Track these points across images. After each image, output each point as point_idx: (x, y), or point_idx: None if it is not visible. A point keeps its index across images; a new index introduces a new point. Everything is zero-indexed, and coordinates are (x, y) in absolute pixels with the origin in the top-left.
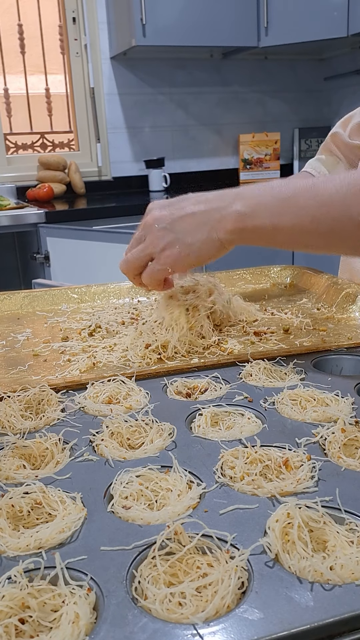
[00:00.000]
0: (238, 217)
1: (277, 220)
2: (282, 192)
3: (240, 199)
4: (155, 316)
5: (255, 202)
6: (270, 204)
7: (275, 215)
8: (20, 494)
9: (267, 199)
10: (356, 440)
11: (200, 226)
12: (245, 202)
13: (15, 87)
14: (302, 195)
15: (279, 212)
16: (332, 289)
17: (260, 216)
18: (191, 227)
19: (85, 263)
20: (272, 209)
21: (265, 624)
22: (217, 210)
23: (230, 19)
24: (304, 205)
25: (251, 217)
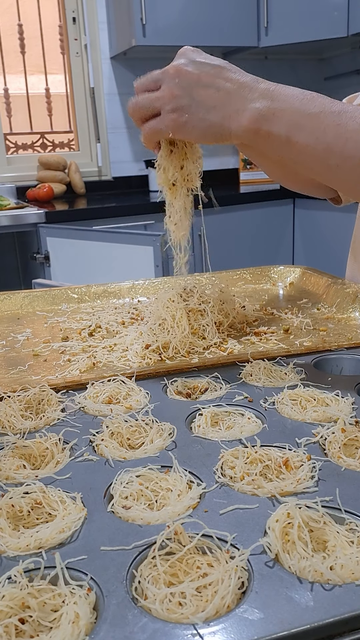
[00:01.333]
0: (256, 117)
1: (292, 134)
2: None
3: (266, 98)
4: (155, 317)
5: (279, 108)
6: (293, 114)
7: (292, 127)
8: (20, 494)
9: (291, 108)
10: (356, 440)
11: (218, 107)
12: (269, 104)
13: (15, 87)
14: (326, 119)
15: (298, 127)
16: (332, 289)
17: (277, 123)
18: (209, 102)
19: (85, 263)
20: (293, 120)
21: (265, 624)
22: (241, 98)
23: (230, 19)
24: (324, 128)
25: (269, 121)
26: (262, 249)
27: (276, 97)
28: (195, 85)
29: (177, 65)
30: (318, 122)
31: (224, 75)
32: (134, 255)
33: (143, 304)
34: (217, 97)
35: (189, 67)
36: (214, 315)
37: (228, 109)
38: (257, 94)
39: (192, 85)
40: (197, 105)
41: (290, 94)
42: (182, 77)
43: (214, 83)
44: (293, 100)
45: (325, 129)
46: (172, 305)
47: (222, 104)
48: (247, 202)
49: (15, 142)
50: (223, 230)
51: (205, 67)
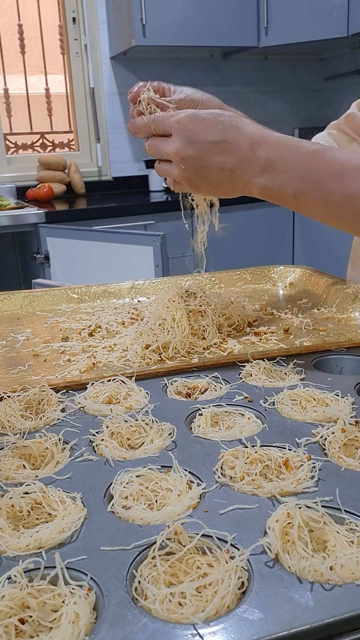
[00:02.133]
0: (263, 190)
1: (301, 198)
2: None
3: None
4: (155, 317)
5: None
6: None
7: (299, 194)
8: (20, 494)
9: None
10: (356, 440)
11: (226, 183)
12: (273, 177)
13: (15, 87)
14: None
15: (304, 193)
16: (332, 289)
17: (284, 192)
18: (217, 180)
19: (85, 263)
20: (298, 188)
21: (265, 624)
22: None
23: (230, 19)
24: (328, 192)
25: (276, 191)
26: (262, 249)
27: (277, 168)
28: (199, 167)
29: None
30: (322, 187)
31: (223, 150)
32: (134, 255)
33: (143, 304)
34: (222, 175)
35: (189, 151)
36: (215, 317)
37: (235, 183)
38: (259, 167)
39: (196, 167)
40: (208, 183)
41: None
42: (186, 161)
43: (215, 164)
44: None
45: (330, 192)
46: (172, 305)
47: (229, 180)
48: (247, 202)
49: (15, 142)
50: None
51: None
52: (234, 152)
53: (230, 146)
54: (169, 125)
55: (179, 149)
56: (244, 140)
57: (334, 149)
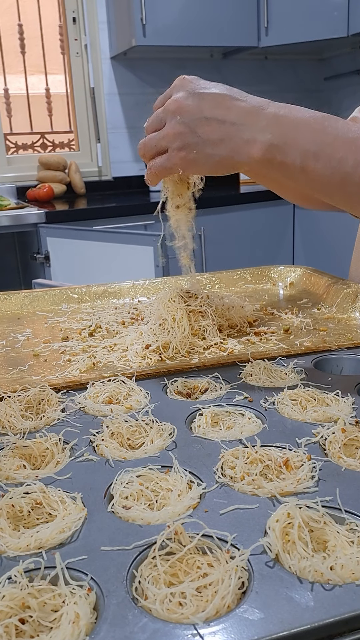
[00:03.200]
0: (267, 148)
1: (307, 163)
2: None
3: (276, 126)
4: (156, 317)
5: (291, 137)
6: (306, 143)
7: (307, 157)
8: (21, 494)
9: (304, 136)
10: (356, 440)
11: (225, 140)
12: (281, 132)
13: (15, 87)
14: (342, 147)
15: (313, 156)
16: (333, 289)
17: (290, 153)
18: (215, 136)
19: (85, 263)
20: (306, 149)
21: (266, 624)
22: (248, 128)
23: (230, 19)
24: (340, 158)
25: (281, 151)
26: (262, 249)
27: (286, 123)
28: (198, 119)
29: (177, 99)
30: (333, 150)
31: (226, 104)
32: (134, 255)
33: (143, 304)
34: (223, 130)
35: (189, 101)
36: (215, 317)
37: (236, 140)
38: (265, 121)
39: (194, 120)
40: (204, 142)
41: (301, 119)
42: (184, 113)
43: (216, 115)
44: (304, 127)
45: (342, 159)
46: (172, 305)
47: (229, 136)
48: (247, 202)
49: (16, 142)
50: (223, 230)
51: (206, 98)
52: (239, 107)
53: (235, 102)
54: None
55: (178, 98)
56: (250, 98)
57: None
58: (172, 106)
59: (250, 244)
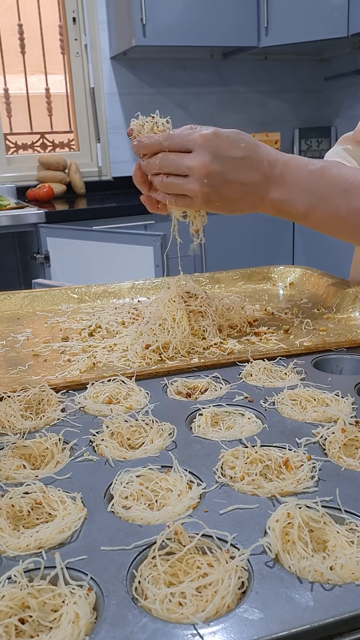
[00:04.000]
0: (275, 204)
1: (309, 213)
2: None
3: (281, 186)
4: (156, 317)
5: (294, 193)
6: (306, 198)
7: (308, 208)
8: (20, 494)
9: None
10: (356, 440)
11: (243, 200)
12: (285, 190)
13: (15, 87)
14: (336, 199)
15: (312, 208)
16: (333, 289)
17: (294, 205)
18: (236, 197)
19: (85, 263)
20: (306, 203)
21: (265, 624)
22: (261, 187)
23: (230, 19)
24: (336, 207)
25: (287, 205)
26: (262, 249)
27: (289, 183)
28: (222, 183)
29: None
30: (329, 203)
31: (247, 167)
32: (134, 255)
33: (143, 304)
34: (243, 191)
35: (215, 166)
36: (215, 317)
37: (252, 200)
38: (275, 183)
39: (219, 183)
40: (226, 200)
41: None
42: (209, 176)
43: (239, 178)
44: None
45: (338, 208)
46: (172, 305)
47: (247, 195)
48: None
49: (15, 142)
50: (223, 230)
51: (229, 163)
52: (256, 169)
53: (252, 162)
54: (191, 141)
55: (205, 162)
56: (264, 157)
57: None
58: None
59: (250, 244)
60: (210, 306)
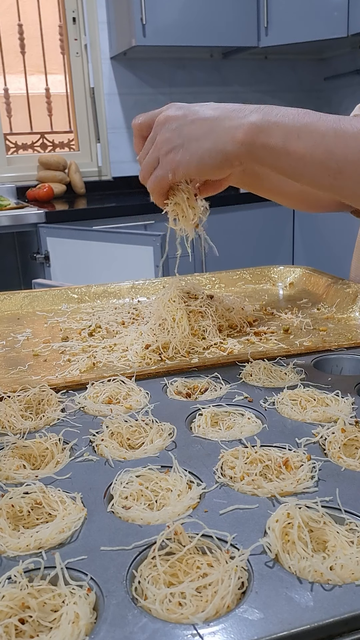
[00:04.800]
0: (250, 129)
1: (290, 142)
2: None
3: (259, 112)
4: (156, 317)
5: (273, 119)
6: (288, 124)
7: (290, 136)
8: (20, 494)
9: (286, 119)
10: (356, 440)
11: (209, 133)
12: (263, 117)
13: (15, 87)
14: (324, 125)
15: (295, 135)
16: (332, 289)
17: (274, 134)
18: (200, 132)
19: (85, 263)
20: (289, 129)
21: (265, 624)
22: (231, 118)
23: (230, 19)
24: (322, 133)
25: (265, 132)
26: (262, 249)
27: (269, 111)
28: (184, 123)
29: (164, 113)
30: (315, 128)
31: (210, 107)
32: (134, 255)
33: (143, 304)
34: (207, 125)
35: (177, 111)
36: (215, 317)
37: (219, 131)
38: (248, 111)
39: (181, 124)
40: (189, 140)
41: (283, 108)
42: (171, 120)
43: (201, 115)
44: (287, 112)
45: (324, 135)
46: (172, 305)
47: (213, 128)
48: (247, 202)
49: (15, 142)
50: (223, 230)
51: (191, 107)
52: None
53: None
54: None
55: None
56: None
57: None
58: (160, 119)
59: (250, 244)
60: (210, 306)
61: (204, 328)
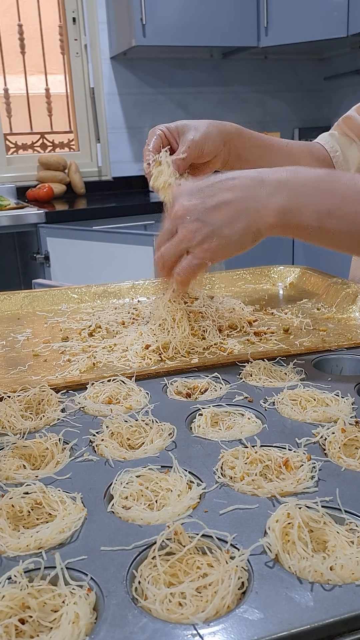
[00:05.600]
0: (281, 213)
1: (324, 222)
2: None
3: (283, 191)
4: (155, 317)
5: (302, 199)
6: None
7: (322, 216)
8: (20, 494)
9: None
10: (356, 440)
11: (238, 216)
12: (289, 195)
13: (15, 87)
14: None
15: (328, 214)
16: (332, 289)
17: (305, 214)
18: (228, 217)
19: (85, 263)
20: (320, 208)
21: (265, 624)
22: (256, 199)
23: (230, 19)
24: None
25: (296, 214)
26: (262, 249)
27: (292, 186)
28: (206, 210)
29: (179, 204)
30: (347, 206)
31: (224, 187)
32: (134, 255)
33: (143, 304)
34: (233, 209)
35: (191, 200)
36: (215, 318)
37: (249, 213)
38: (272, 188)
39: (203, 212)
40: (220, 226)
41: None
42: (190, 211)
43: (221, 199)
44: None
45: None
46: (172, 305)
47: (240, 211)
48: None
49: (15, 142)
50: None
51: (204, 191)
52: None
53: (232, 181)
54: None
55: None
56: (248, 173)
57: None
58: (179, 212)
59: None
60: (211, 307)
61: (204, 328)
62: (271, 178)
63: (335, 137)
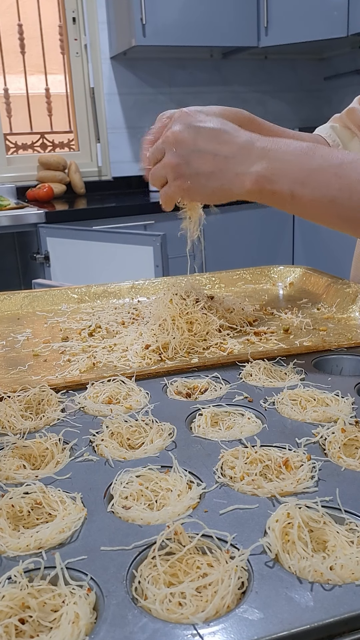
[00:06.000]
0: (257, 179)
1: (296, 190)
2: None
3: (265, 159)
4: (155, 317)
5: (279, 167)
6: (294, 171)
7: (295, 184)
8: (20, 494)
9: (291, 165)
10: (356, 440)
11: (217, 173)
12: (269, 164)
13: (15, 87)
14: (328, 172)
15: (301, 183)
16: (332, 289)
17: (279, 182)
18: (208, 169)
19: (85, 263)
20: (294, 177)
21: (265, 624)
22: (239, 162)
23: (230, 19)
24: (326, 182)
25: (270, 181)
26: (262, 249)
27: (274, 156)
28: (192, 152)
29: (174, 132)
30: (320, 176)
31: (220, 139)
32: (134, 255)
33: (143, 304)
34: (216, 164)
35: (185, 134)
36: (215, 319)
37: (227, 174)
38: (255, 155)
39: (189, 152)
40: (197, 174)
41: (288, 151)
42: (179, 145)
43: (210, 149)
44: (292, 157)
45: (328, 183)
46: (172, 305)
47: (221, 169)
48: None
49: (15, 142)
50: (223, 230)
51: (202, 132)
52: (231, 142)
53: (228, 136)
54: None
55: (175, 131)
56: (243, 134)
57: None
58: (170, 138)
59: (250, 244)
60: (211, 308)
61: (203, 329)
62: (257, 146)
63: (337, 129)
